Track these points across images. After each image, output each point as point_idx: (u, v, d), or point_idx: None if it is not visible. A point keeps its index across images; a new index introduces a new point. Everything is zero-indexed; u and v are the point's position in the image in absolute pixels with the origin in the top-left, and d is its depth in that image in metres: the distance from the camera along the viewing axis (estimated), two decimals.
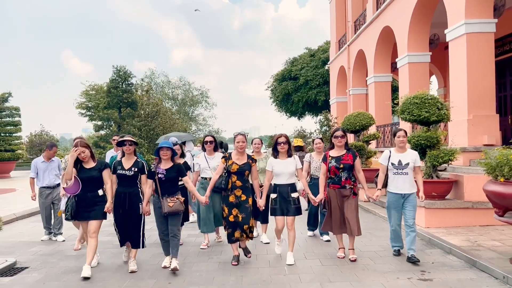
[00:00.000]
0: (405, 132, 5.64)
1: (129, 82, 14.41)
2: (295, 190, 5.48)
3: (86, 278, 4.99)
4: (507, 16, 12.72)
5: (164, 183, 5.26)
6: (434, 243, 6.26)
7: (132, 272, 5.26)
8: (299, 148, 8.55)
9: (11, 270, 5.52)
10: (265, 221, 6.61)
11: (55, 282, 4.99)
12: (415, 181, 5.59)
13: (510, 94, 14.18)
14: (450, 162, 7.21)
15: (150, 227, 6.99)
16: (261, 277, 4.96)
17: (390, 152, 5.65)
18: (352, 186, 5.54)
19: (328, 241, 6.59)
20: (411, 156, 5.54)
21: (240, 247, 5.60)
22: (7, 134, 24.44)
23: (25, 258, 6.04)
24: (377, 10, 15.92)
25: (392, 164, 5.53)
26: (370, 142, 11.57)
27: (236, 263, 5.45)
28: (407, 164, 5.45)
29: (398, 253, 5.75)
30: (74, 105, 40.70)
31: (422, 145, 7.08)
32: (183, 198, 5.39)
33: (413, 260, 5.29)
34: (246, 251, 5.61)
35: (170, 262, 5.30)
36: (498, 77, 14.53)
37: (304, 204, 6.82)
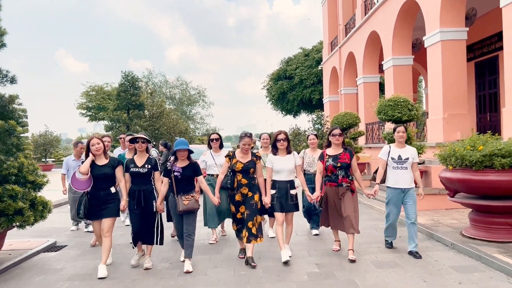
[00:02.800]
0: (405, 127, 5.72)
1: (136, 86, 15.61)
2: (293, 187, 5.53)
3: (101, 278, 4.99)
4: (485, 21, 13.90)
5: (180, 182, 5.21)
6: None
7: (147, 269, 5.29)
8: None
9: (54, 248, 6.69)
10: (270, 215, 6.35)
11: (93, 255, 6.14)
12: (414, 176, 5.65)
13: (488, 93, 15.25)
14: (419, 155, 8.40)
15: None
16: (258, 249, 6.08)
17: (390, 147, 5.69)
18: (349, 184, 5.55)
19: (317, 235, 6.90)
20: (411, 152, 5.60)
21: (246, 254, 5.50)
22: None
23: (62, 239, 7.22)
24: (365, 15, 17.02)
25: (392, 158, 5.57)
26: (356, 138, 12.78)
27: (243, 256, 5.50)
28: (407, 159, 5.52)
29: (391, 245, 5.90)
30: (75, 106, 41.80)
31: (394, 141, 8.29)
32: (198, 196, 5.36)
33: (417, 256, 5.41)
34: (252, 260, 5.33)
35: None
36: (477, 77, 15.76)
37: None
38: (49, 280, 5.05)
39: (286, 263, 5.32)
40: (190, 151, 5.33)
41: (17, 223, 5.32)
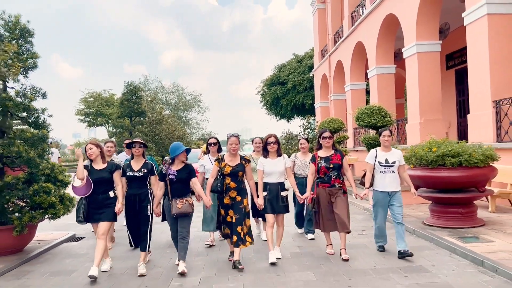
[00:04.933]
0: (390, 131, 5.81)
1: (138, 95, 16.84)
2: (284, 189, 5.67)
3: (92, 277, 4.99)
4: (463, 31, 15.07)
5: (174, 184, 5.27)
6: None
7: (141, 275, 5.24)
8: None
9: (74, 239, 7.75)
10: (262, 217, 6.53)
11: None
12: (402, 178, 5.83)
13: (467, 98, 16.37)
14: None
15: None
16: None
17: (376, 151, 5.77)
18: (341, 185, 5.68)
19: (313, 239, 6.93)
20: (396, 155, 5.69)
21: (233, 258, 5.54)
22: None
23: (80, 232, 8.25)
24: (352, 26, 18.19)
25: (379, 163, 5.63)
26: (341, 142, 13.91)
27: (233, 259, 5.53)
28: (394, 162, 5.61)
29: (382, 248, 5.97)
30: (74, 112, 42.75)
31: (371, 144, 9.41)
32: (192, 200, 5.39)
33: (406, 255, 5.43)
34: (238, 263, 5.39)
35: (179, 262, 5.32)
36: (457, 84, 16.91)
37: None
38: (77, 261, 6.12)
39: (273, 264, 5.46)
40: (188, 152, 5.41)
41: (50, 215, 6.37)
